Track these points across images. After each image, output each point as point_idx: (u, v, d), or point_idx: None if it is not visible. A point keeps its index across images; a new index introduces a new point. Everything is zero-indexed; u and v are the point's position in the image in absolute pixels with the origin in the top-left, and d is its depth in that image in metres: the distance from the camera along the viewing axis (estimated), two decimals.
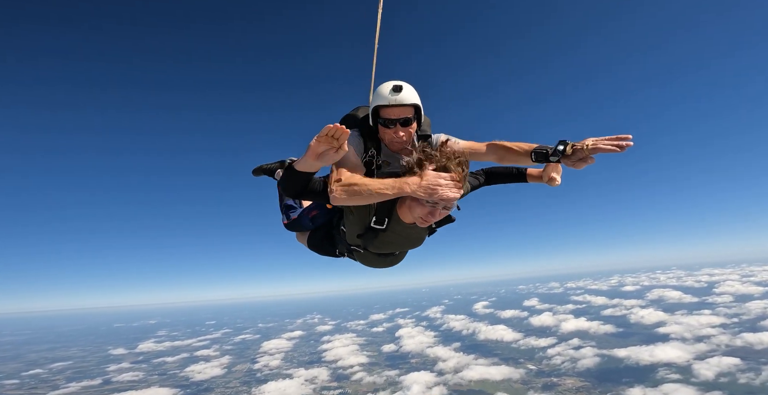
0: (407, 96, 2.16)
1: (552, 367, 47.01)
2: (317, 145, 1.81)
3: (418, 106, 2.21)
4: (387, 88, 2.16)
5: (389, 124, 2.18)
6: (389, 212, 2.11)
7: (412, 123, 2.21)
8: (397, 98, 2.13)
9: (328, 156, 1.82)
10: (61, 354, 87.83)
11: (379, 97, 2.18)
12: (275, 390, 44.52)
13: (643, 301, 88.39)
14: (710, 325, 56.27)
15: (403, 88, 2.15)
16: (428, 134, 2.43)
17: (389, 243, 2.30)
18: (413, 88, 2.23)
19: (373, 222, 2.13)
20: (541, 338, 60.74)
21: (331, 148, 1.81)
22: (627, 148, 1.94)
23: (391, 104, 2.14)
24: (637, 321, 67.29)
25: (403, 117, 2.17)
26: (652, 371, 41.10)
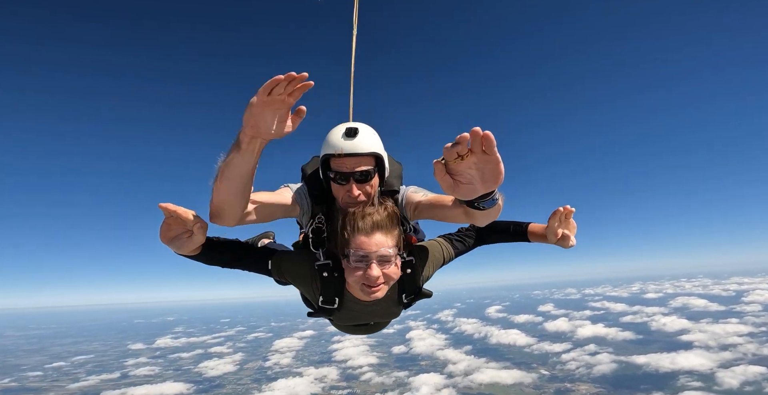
0: (364, 142, 1.60)
1: (566, 373, 45.68)
2: (164, 228, 1.40)
3: (380, 155, 1.65)
4: (338, 132, 1.62)
5: (340, 179, 1.62)
6: (339, 291, 1.71)
7: (371, 177, 1.64)
8: (349, 145, 1.58)
9: (181, 241, 1.40)
10: (84, 348, 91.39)
11: (328, 145, 1.62)
12: (285, 387, 44.89)
13: (665, 309, 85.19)
14: (737, 334, 53.70)
15: (358, 131, 1.61)
16: (395, 188, 1.84)
17: (352, 318, 1.92)
18: (374, 131, 1.70)
19: (320, 302, 1.75)
20: (555, 343, 59.19)
21: (183, 233, 1.41)
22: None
23: (342, 154, 1.57)
24: (658, 328, 64.82)
25: (358, 170, 1.60)
26: (672, 378, 39.42)
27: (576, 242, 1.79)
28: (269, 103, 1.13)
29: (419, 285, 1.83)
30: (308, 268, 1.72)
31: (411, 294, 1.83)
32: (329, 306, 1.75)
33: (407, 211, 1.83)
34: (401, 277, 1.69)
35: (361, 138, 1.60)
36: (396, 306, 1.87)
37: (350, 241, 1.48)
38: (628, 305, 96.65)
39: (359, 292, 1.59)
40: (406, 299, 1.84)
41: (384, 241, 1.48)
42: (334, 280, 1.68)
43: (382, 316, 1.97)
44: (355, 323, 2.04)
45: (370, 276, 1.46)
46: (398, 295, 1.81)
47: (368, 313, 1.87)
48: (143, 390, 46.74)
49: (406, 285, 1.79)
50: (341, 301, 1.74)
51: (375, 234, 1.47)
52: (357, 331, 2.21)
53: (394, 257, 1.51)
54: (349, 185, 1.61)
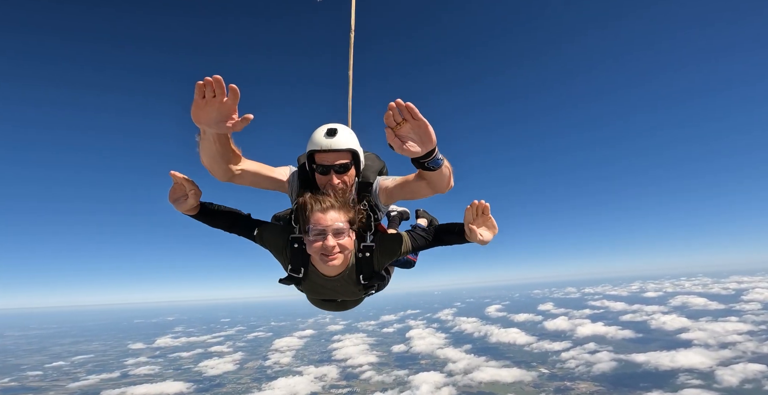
0: (342, 140, 1.97)
1: (565, 371, 45.73)
2: (171, 191, 1.93)
3: (355, 151, 2.03)
4: (321, 131, 1.99)
5: (323, 170, 1.99)
6: (304, 262, 2.03)
7: (349, 169, 2.02)
8: (330, 142, 1.95)
9: (179, 202, 1.93)
10: (84, 347, 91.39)
11: (312, 141, 1.99)
12: (285, 386, 44.92)
13: (665, 307, 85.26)
14: (736, 332, 53.74)
15: (337, 131, 1.98)
16: (369, 180, 2.20)
17: (317, 292, 2.23)
18: (351, 131, 2.08)
19: (289, 270, 2.08)
20: (555, 342, 59.24)
21: (182, 196, 1.92)
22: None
23: (324, 149, 1.95)
24: (658, 326, 64.91)
25: (337, 163, 1.97)
26: (672, 376, 39.47)
27: (488, 238, 1.92)
28: (202, 103, 1.44)
29: (375, 268, 2.09)
30: (283, 239, 2.05)
31: (368, 276, 2.08)
32: (296, 274, 2.07)
33: (380, 198, 2.18)
34: (360, 259, 2.05)
35: (340, 136, 1.97)
36: (355, 285, 2.12)
37: (310, 218, 1.81)
38: (627, 304, 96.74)
39: (319, 263, 1.90)
40: (363, 280, 2.08)
41: (337, 217, 1.81)
42: (301, 252, 1.99)
43: (344, 294, 2.22)
44: (322, 298, 2.32)
45: (327, 246, 1.77)
46: (356, 275, 2.08)
47: (331, 289, 2.15)
48: (143, 389, 46.75)
49: (363, 267, 2.06)
50: (306, 272, 2.06)
51: (329, 211, 1.81)
52: (328, 307, 2.49)
53: (347, 230, 1.83)
54: (330, 175, 1.98)
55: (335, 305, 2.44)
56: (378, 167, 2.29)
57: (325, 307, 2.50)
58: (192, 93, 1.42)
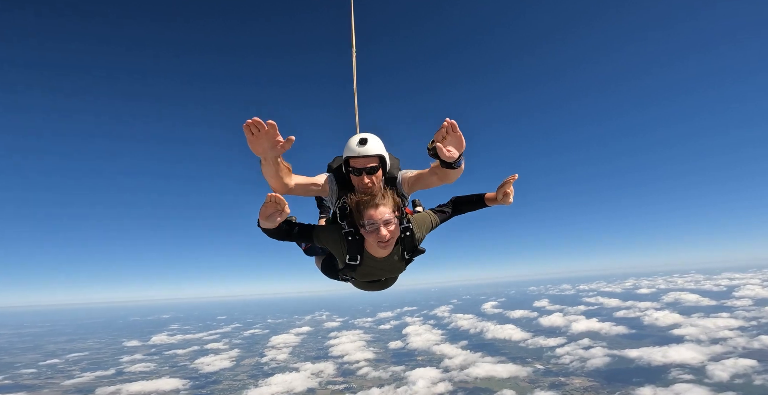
0: (372, 148, 2.54)
1: (560, 367, 46.22)
2: (264, 209, 2.21)
3: (383, 156, 2.60)
4: (354, 141, 2.55)
5: (357, 172, 2.55)
6: (360, 250, 2.52)
7: (377, 171, 2.58)
8: (362, 150, 2.52)
9: (274, 217, 2.22)
10: (78, 345, 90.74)
11: (348, 149, 2.57)
12: (282, 382, 45.00)
13: (658, 304, 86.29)
14: (728, 328, 54.53)
15: (368, 140, 2.55)
16: (394, 175, 2.80)
17: (369, 274, 2.72)
18: (379, 140, 2.62)
19: (348, 260, 2.55)
20: (550, 338, 59.81)
21: (276, 212, 2.21)
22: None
23: (357, 156, 2.52)
24: (650, 323, 65.70)
25: (368, 166, 2.53)
26: (664, 371, 40.04)
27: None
28: (253, 139, 1.99)
29: (416, 244, 2.63)
30: (338, 234, 2.51)
31: (410, 251, 2.63)
32: (354, 262, 2.55)
33: (404, 188, 2.79)
34: (401, 238, 2.54)
35: (370, 145, 2.54)
36: (400, 261, 2.67)
37: (363, 215, 2.30)
38: (621, 300, 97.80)
39: (375, 249, 2.43)
40: (407, 256, 2.65)
41: (385, 210, 2.30)
42: (356, 243, 2.49)
43: (391, 271, 2.76)
44: (371, 279, 2.83)
45: (381, 235, 2.28)
46: (401, 252, 2.61)
47: (381, 269, 2.68)
48: (138, 386, 46.58)
49: (406, 245, 2.59)
50: (362, 258, 2.55)
51: (378, 207, 2.30)
52: (372, 287, 3.00)
53: (393, 220, 2.32)
54: (362, 176, 2.55)
55: (379, 284, 2.96)
56: (398, 164, 2.88)
57: (369, 288, 3.01)
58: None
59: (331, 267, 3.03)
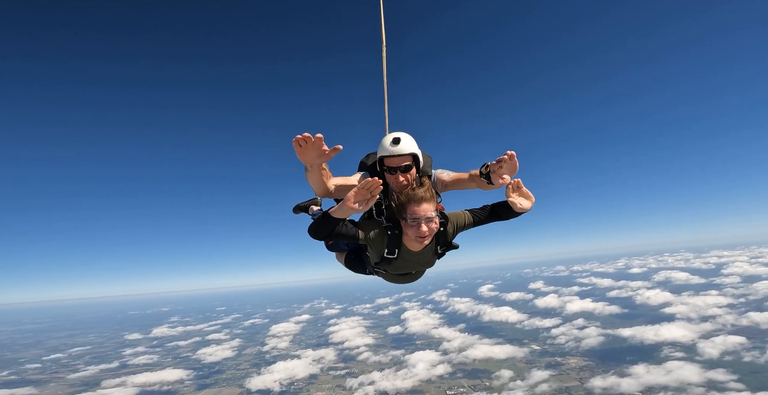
0: (405, 147, 2.58)
1: (556, 347, 47.48)
2: (355, 196, 2.17)
3: (416, 154, 2.64)
4: (388, 140, 2.60)
5: (392, 171, 2.61)
6: (398, 244, 2.59)
7: (411, 169, 2.63)
8: (395, 149, 2.57)
9: (362, 205, 2.20)
10: (80, 340, 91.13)
11: (382, 149, 2.62)
12: (284, 369, 45.79)
13: (649, 283, 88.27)
14: (717, 305, 56.11)
15: (401, 140, 2.59)
16: (429, 173, 2.85)
17: (403, 267, 2.80)
18: (411, 138, 2.66)
19: (386, 254, 2.63)
20: (545, 319, 61.18)
21: (365, 199, 2.19)
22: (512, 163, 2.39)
23: (391, 155, 2.58)
24: (642, 302, 67.34)
25: (402, 165, 2.59)
26: (656, 350, 41.32)
27: (527, 206, 2.61)
28: (301, 151, 2.11)
29: (449, 239, 2.74)
30: (380, 229, 2.59)
31: (443, 246, 2.76)
32: (391, 256, 2.63)
33: (438, 187, 2.88)
34: (436, 233, 2.59)
35: (403, 144, 2.59)
36: (434, 255, 2.78)
37: (407, 209, 2.40)
38: (614, 280, 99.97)
39: (413, 243, 2.55)
40: (440, 250, 2.77)
41: (428, 207, 2.40)
42: (395, 237, 2.58)
43: (424, 264, 2.86)
44: (404, 271, 2.90)
45: (422, 231, 2.40)
46: (435, 247, 2.72)
47: (415, 262, 2.76)
48: (143, 378, 47.14)
49: (440, 239, 2.68)
50: (399, 252, 2.63)
51: (422, 203, 2.39)
52: (402, 280, 3.06)
53: (434, 217, 2.42)
54: (397, 175, 2.61)
55: (409, 277, 3.03)
56: (431, 162, 2.92)
57: (399, 281, 3.07)
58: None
59: (358, 262, 3.18)
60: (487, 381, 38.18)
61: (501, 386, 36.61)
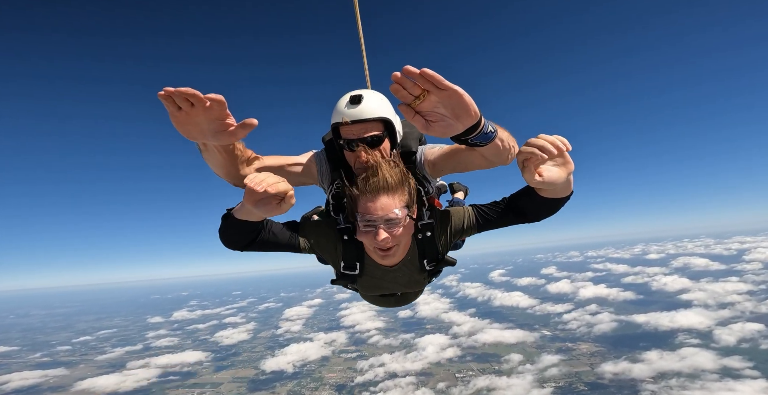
0: (369, 108, 1.60)
1: (567, 332, 47.31)
2: (248, 195, 1.29)
3: (388, 120, 1.64)
4: (344, 100, 1.63)
5: (350, 146, 1.63)
6: (359, 256, 1.73)
7: (381, 141, 1.64)
8: (354, 112, 1.58)
9: (270, 206, 1.30)
10: (107, 323, 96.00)
11: (336, 112, 1.64)
12: (297, 352, 47.19)
13: (666, 269, 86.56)
14: (736, 292, 54.60)
15: (362, 98, 1.59)
16: (411, 149, 1.85)
17: (375, 287, 1.92)
18: (381, 96, 1.68)
19: (342, 268, 1.77)
20: (557, 304, 60.83)
21: (272, 197, 1.28)
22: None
23: (348, 121, 1.59)
24: (659, 288, 66.19)
25: (366, 136, 1.61)
26: (671, 336, 40.68)
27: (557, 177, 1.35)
28: (181, 117, 1.13)
29: (440, 250, 1.75)
30: (332, 233, 1.72)
31: (433, 260, 1.76)
32: (351, 271, 1.76)
33: (427, 169, 1.83)
34: (420, 240, 1.70)
35: (367, 104, 1.60)
36: (419, 272, 1.81)
37: (357, 205, 1.48)
38: (629, 266, 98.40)
39: (376, 255, 1.63)
40: (429, 266, 1.77)
41: (390, 204, 1.44)
42: (354, 244, 1.70)
43: (406, 285, 1.91)
44: (381, 292, 2.01)
45: (379, 241, 1.45)
46: (419, 261, 1.76)
47: (391, 281, 1.85)
48: (165, 360, 49.46)
49: (426, 249, 1.73)
50: (362, 266, 1.75)
51: (380, 197, 1.44)
52: (386, 303, 2.20)
53: (402, 219, 1.46)
54: (359, 151, 1.60)
55: (394, 300, 2.16)
56: (418, 134, 1.90)
57: (382, 303, 2.22)
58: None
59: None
60: (496, 365, 38.48)
61: (510, 370, 36.86)
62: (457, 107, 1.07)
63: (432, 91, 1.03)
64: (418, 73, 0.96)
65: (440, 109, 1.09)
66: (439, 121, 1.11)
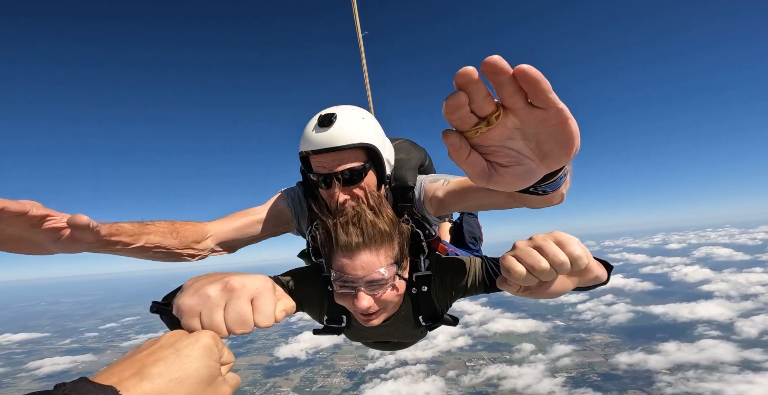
0: (344, 131, 1.16)
1: (581, 323, 46.76)
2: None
3: (372, 147, 1.21)
4: (312, 122, 1.22)
5: (323, 181, 1.23)
6: (345, 309, 1.35)
7: (363, 176, 1.22)
8: (325, 138, 1.16)
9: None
10: (130, 310, 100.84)
11: (304, 138, 1.22)
12: (309, 339, 48.35)
13: (688, 259, 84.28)
14: (760, 283, 52.78)
15: (336, 118, 1.17)
16: (407, 183, 1.40)
17: (364, 337, 1.60)
18: (362, 114, 1.24)
19: (326, 321, 1.41)
20: (571, 294, 58.64)
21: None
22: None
23: (316, 149, 1.17)
24: (679, 278, 64.49)
25: (341, 169, 1.18)
26: (690, 328, 39.69)
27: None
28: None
29: (438, 308, 1.35)
30: (313, 278, 1.35)
31: (429, 318, 1.37)
32: (336, 324, 1.39)
33: (428, 208, 1.38)
34: (415, 295, 1.33)
35: (341, 126, 1.16)
36: (414, 328, 1.43)
37: (332, 261, 1.07)
38: (648, 256, 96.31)
39: (357, 316, 1.19)
40: (424, 322, 1.37)
41: (373, 262, 1.04)
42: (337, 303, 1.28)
43: (401, 337, 1.56)
44: (372, 340, 1.67)
45: (359, 306, 1.06)
46: (414, 316, 1.38)
47: (382, 334, 1.51)
48: None
49: (422, 306, 1.34)
50: (349, 319, 1.37)
51: (361, 254, 1.03)
52: (381, 347, 1.80)
53: (389, 279, 1.07)
54: (333, 189, 1.20)
55: (391, 345, 1.77)
56: (416, 160, 1.48)
57: (377, 348, 1.83)
58: None
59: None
60: (507, 354, 38.42)
61: (522, 359, 36.77)
62: (554, 140, 0.54)
63: (518, 109, 0.49)
64: (510, 71, 0.45)
65: (517, 144, 0.56)
66: (512, 164, 0.57)
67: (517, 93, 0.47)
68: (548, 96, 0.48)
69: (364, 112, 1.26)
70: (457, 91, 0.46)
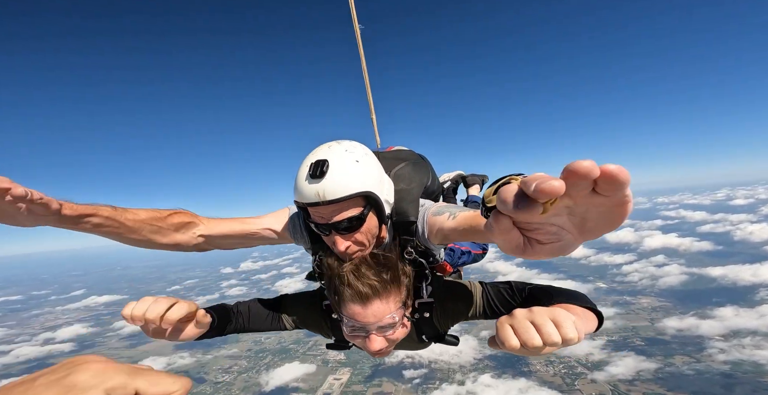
0: (339, 182, 1.13)
1: (626, 285, 44.59)
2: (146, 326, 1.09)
3: (370, 194, 1.18)
4: (304, 171, 1.17)
5: (323, 230, 1.22)
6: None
7: (362, 223, 1.20)
8: (319, 190, 1.12)
9: (180, 333, 1.13)
10: (190, 274, 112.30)
11: (297, 188, 1.19)
12: None
13: (754, 216, 76.02)
14: None
15: (329, 166, 1.13)
16: (409, 219, 1.35)
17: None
18: (354, 157, 1.19)
19: (335, 341, 1.56)
20: (616, 255, 57.15)
21: (176, 325, 1.11)
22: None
23: (312, 202, 1.15)
24: (743, 238, 58.64)
25: (337, 219, 1.17)
26: (751, 291, 36.40)
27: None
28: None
29: (440, 330, 1.49)
30: (317, 307, 1.49)
31: (431, 338, 1.53)
32: (344, 343, 1.51)
33: (432, 241, 1.36)
34: (417, 320, 1.42)
35: (333, 177, 1.14)
36: (418, 343, 1.59)
37: (342, 308, 1.19)
38: (709, 213, 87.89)
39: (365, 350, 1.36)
40: (427, 339, 1.54)
41: (383, 309, 1.16)
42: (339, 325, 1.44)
43: (406, 350, 1.74)
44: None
45: (370, 348, 1.21)
46: (417, 336, 1.51)
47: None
48: None
49: (424, 329, 1.47)
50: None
51: (372, 304, 1.15)
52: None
53: (398, 321, 1.19)
54: (333, 236, 1.22)
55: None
56: (418, 189, 1.44)
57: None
58: None
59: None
60: None
61: None
62: (603, 219, 0.51)
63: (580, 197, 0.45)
64: (608, 172, 0.40)
65: (560, 219, 0.53)
66: (552, 241, 0.55)
67: (588, 186, 0.42)
68: (625, 192, 0.44)
69: (358, 151, 1.21)
70: (559, 179, 0.40)
